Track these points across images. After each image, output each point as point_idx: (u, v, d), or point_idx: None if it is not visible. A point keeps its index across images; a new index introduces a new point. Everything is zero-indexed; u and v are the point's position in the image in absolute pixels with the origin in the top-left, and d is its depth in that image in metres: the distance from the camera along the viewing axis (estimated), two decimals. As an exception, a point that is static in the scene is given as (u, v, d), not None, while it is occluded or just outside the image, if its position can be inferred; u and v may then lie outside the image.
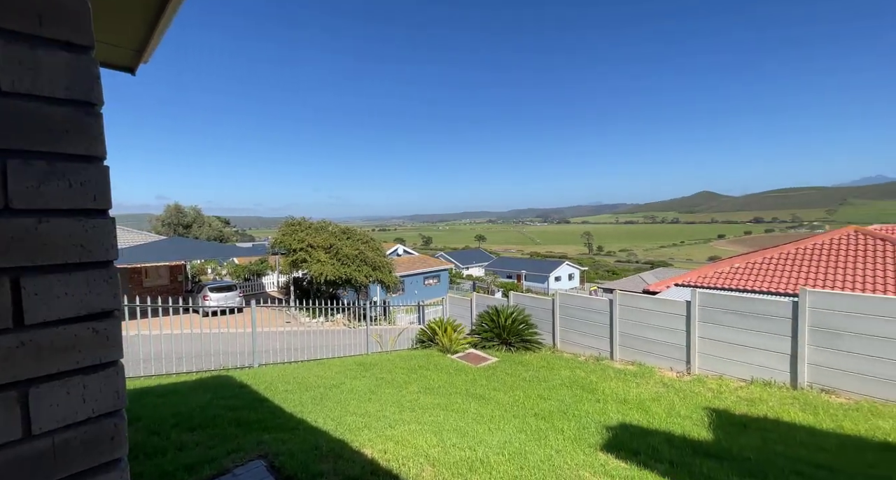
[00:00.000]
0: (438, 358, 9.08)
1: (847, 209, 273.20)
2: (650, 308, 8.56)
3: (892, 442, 4.23)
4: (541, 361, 8.91)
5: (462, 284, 43.20)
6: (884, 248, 9.36)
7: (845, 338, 5.98)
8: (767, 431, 4.47)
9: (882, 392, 5.63)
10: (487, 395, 6.12)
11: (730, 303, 7.28)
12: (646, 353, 8.55)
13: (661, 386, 6.86)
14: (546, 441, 4.09)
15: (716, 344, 7.42)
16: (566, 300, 10.44)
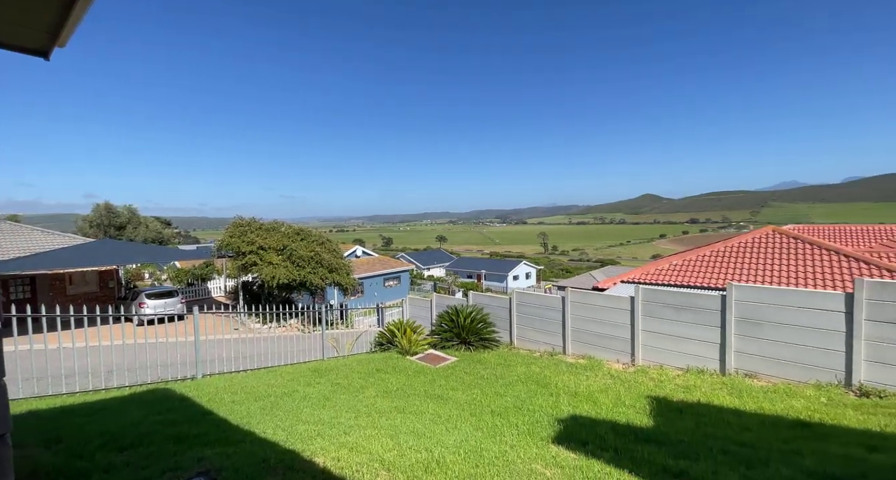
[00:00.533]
0: (397, 360, 8.98)
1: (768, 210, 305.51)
2: (598, 304, 9.03)
3: (803, 419, 4.76)
4: (498, 359, 9.10)
5: (423, 285, 43.12)
6: (796, 245, 10.56)
7: (765, 327, 6.66)
8: (700, 415, 4.87)
9: (796, 374, 6.34)
10: (446, 395, 6.14)
11: (668, 298, 7.86)
12: (595, 347, 9.01)
13: (608, 378, 7.24)
14: (501, 437, 4.18)
15: (657, 336, 7.98)
16: (522, 298, 10.74)
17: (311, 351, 10.44)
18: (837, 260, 9.49)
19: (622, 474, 3.18)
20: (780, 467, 3.12)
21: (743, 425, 4.51)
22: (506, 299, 11.21)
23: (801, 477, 2.93)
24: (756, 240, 11.26)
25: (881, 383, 5.58)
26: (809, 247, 10.24)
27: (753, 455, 3.48)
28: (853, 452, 3.57)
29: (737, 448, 3.67)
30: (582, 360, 8.83)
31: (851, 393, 5.65)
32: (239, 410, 5.32)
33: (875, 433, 4.18)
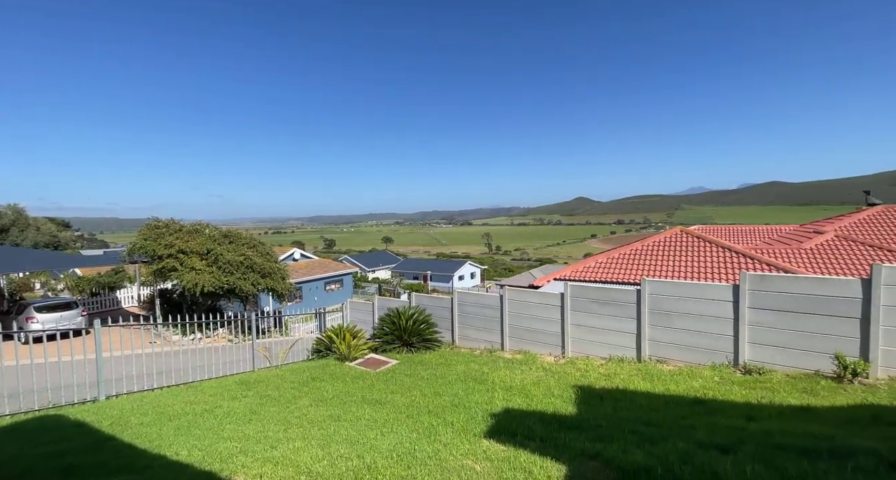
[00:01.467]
0: (335, 366, 8.69)
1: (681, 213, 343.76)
2: (533, 301, 9.51)
3: (699, 397, 5.42)
4: (439, 359, 9.19)
5: (367, 288, 42.15)
6: (698, 244, 12.00)
7: (673, 317, 7.48)
8: (617, 400, 5.34)
9: (697, 357, 7.19)
10: (384, 399, 6.07)
11: (592, 294, 8.51)
12: (531, 342, 9.47)
13: (542, 371, 7.65)
14: (436, 436, 4.22)
15: (584, 330, 8.59)
16: (463, 298, 10.96)
17: (241, 363, 9.71)
18: (730, 256, 10.96)
19: (545, 461, 3.37)
20: (678, 441, 3.53)
21: (652, 406, 5.02)
22: (447, 299, 11.36)
23: (693, 449, 3.33)
24: (666, 240, 12.62)
25: (761, 361, 6.54)
26: (708, 245, 11.71)
27: (657, 432, 3.89)
28: (736, 423, 4.15)
29: (645, 428, 4.08)
30: (518, 355, 9.23)
31: (738, 371, 6.56)
32: (148, 432, 4.78)
33: (754, 405, 4.89)
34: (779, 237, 14.98)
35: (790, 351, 6.32)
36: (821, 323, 6.07)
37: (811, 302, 6.14)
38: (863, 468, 2.80)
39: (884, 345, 5.62)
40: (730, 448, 3.35)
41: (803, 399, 4.93)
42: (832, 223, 14.08)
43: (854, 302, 5.81)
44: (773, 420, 4.19)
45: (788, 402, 4.84)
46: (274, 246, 28.15)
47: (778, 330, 6.41)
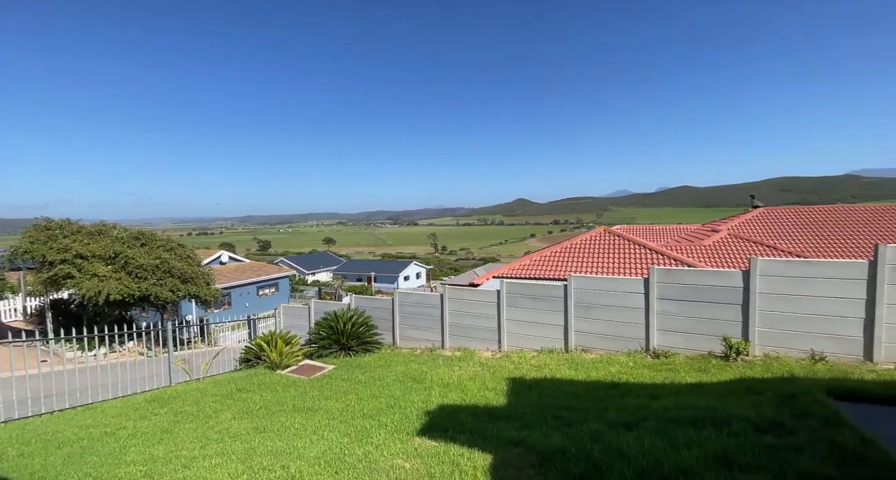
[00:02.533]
0: (265, 376, 8.19)
1: (608, 214, 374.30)
2: (472, 299, 9.77)
3: (615, 381, 5.96)
4: (379, 361, 9.07)
5: (306, 291, 40.20)
6: (619, 242, 13.18)
7: (595, 309, 8.13)
8: (544, 389, 5.69)
9: (615, 345, 7.88)
10: (317, 406, 5.85)
11: (526, 289, 8.96)
12: (470, 339, 9.71)
13: (479, 366, 7.88)
14: (368, 438, 4.17)
15: (518, 324, 9.01)
16: (404, 298, 10.92)
17: (155, 378, 8.75)
18: (644, 253, 12.18)
19: (473, 452, 3.49)
20: (592, 423, 3.85)
21: (574, 392, 5.42)
22: (388, 300, 11.24)
23: (603, 428, 3.67)
24: (592, 239, 13.69)
25: (667, 346, 7.36)
26: (627, 243, 12.90)
27: (576, 416, 4.22)
28: (642, 402, 4.63)
29: (565, 413, 4.39)
30: (458, 353, 9.42)
31: (649, 356, 7.31)
32: (31, 464, 4.13)
33: (658, 385, 5.49)
34: (686, 235, 16.95)
35: (690, 335, 7.19)
36: (713, 309, 6.98)
37: (706, 292, 7.04)
38: (735, 432, 3.29)
39: (759, 327, 6.62)
40: (634, 425, 3.73)
41: (697, 377, 5.64)
42: (726, 223, 16.25)
43: (737, 290, 6.77)
44: (671, 397, 4.74)
45: (686, 380, 5.51)
46: (198, 249, 25.75)
47: (680, 317, 7.26)
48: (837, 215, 15.73)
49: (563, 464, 3.04)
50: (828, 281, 6.11)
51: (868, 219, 14.80)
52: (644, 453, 2.99)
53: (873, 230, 13.90)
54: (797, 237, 14.56)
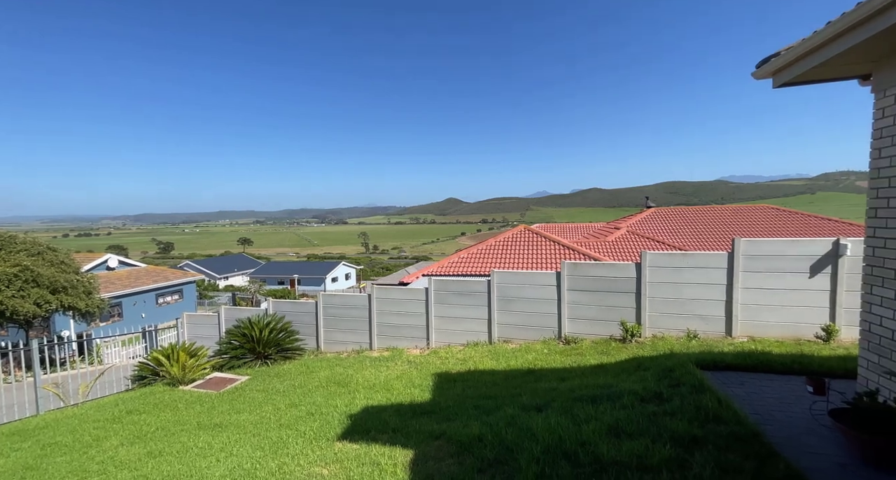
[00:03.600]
0: (164, 393, 7.26)
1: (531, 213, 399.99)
2: (400, 297, 9.73)
3: (531, 368, 6.40)
4: (301, 368, 8.59)
5: (218, 297, 36.42)
6: (537, 239, 14.17)
7: (515, 302, 8.63)
8: (467, 381, 5.90)
9: (533, 335, 8.46)
10: (226, 421, 5.35)
11: (453, 286, 9.19)
12: (399, 338, 9.67)
13: (406, 365, 7.89)
14: (284, 449, 3.94)
15: (446, 320, 9.21)
16: (329, 300, 10.48)
17: (17, 408, 7.26)
18: (559, 249, 13.26)
19: (394, 450, 3.50)
20: (507, 408, 4.10)
21: (494, 381, 5.71)
22: (311, 303, 10.70)
23: (517, 412, 3.93)
24: (514, 236, 14.53)
25: (576, 333, 8.10)
26: (544, 240, 13.93)
27: (494, 404, 4.45)
28: (552, 385, 5.05)
29: (485, 402, 4.61)
30: (386, 353, 9.31)
31: (561, 342, 7.99)
32: None
33: (567, 368, 6.03)
34: (594, 232, 18.81)
35: (595, 322, 8.00)
36: (614, 298, 7.86)
37: (607, 283, 7.90)
38: (625, 405, 3.75)
39: (649, 312, 7.61)
40: (544, 407, 4.06)
41: (600, 358, 6.31)
42: (626, 221, 18.38)
43: (632, 280, 7.71)
44: (577, 378, 5.25)
45: (590, 363, 6.13)
46: (78, 253, 21.86)
47: (587, 306, 8.05)
48: (710, 214, 18.78)
49: (480, 451, 3.19)
50: (699, 270, 7.26)
51: (731, 217, 17.90)
52: (551, 431, 3.27)
53: (735, 225, 16.84)
54: (681, 233, 17.05)
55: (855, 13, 2.56)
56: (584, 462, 2.78)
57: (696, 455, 2.70)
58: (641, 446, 2.85)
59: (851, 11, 2.58)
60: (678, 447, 2.84)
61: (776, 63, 3.31)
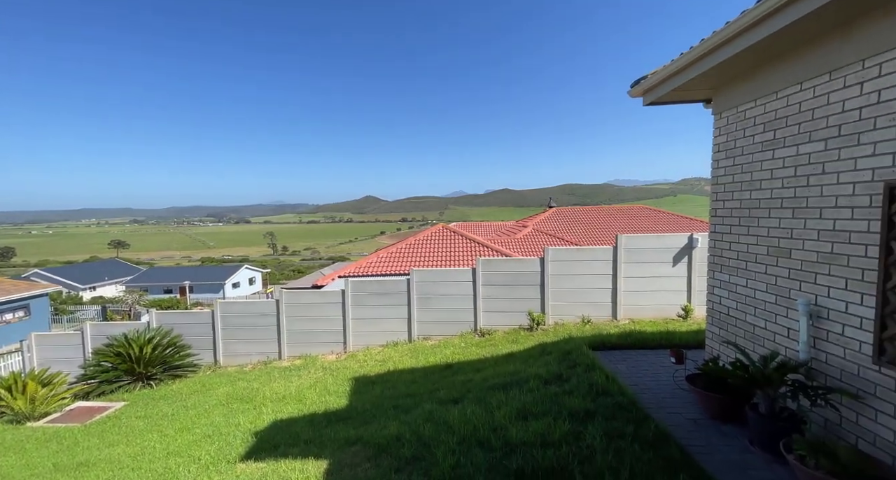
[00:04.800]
0: (4, 433, 5.80)
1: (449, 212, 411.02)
2: (314, 301, 9.19)
3: (449, 363, 6.58)
4: (195, 386, 7.61)
5: (82, 312, 30.22)
6: (454, 237, 14.61)
7: (434, 299, 8.78)
8: (387, 381, 5.84)
9: (451, 330, 8.70)
10: (95, 458, 4.48)
11: (372, 287, 8.98)
12: (312, 344, 9.13)
13: (321, 372, 7.49)
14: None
15: (364, 322, 8.96)
16: (228, 308, 9.42)
17: None
18: (475, 246, 13.86)
19: (306, 463, 3.30)
20: (426, 404, 4.16)
21: (414, 379, 5.74)
22: (207, 313, 9.51)
23: (435, 407, 4.01)
24: (433, 234, 14.77)
25: (491, 325, 8.56)
26: (461, 238, 14.43)
27: (413, 401, 4.48)
28: (469, 377, 5.26)
29: (404, 400, 4.61)
30: (298, 361, 8.73)
31: (477, 335, 8.36)
32: None
33: (482, 359, 6.34)
34: (505, 230, 20.05)
35: (507, 313, 8.54)
36: (522, 290, 8.48)
37: (517, 277, 8.49)
38: (531, 388, 4.08)
39: (552, 302, 8.38)
40: (461, 399, 4.21)
41: (510, 347, 6.76)
42: (532, 220, 19.96)
43: (537, 274, 8.40)
44: (491, 368, 5.55)
45: (502, 352, 6.53)
46: None
47: (500, 299, 8.55)
48: (600, 213, 21.42)
49: (398, 450, 3.18)
50: (590, 263, 8.22)
51: (616, 216, 20.65)
52: (466, 422, 3.40)
53: (619, 223, 19.46)
54: (578, 230, 19.12)
55: (696, 50, 3.13)
56: (496, 446, 2.95)
57: (588, 427, 3.06)
58: (545, 424, 3.13)
59: (692, 49, 3.16)
60: (575, 421, 3.18)
61: (644, 84, 3.89)
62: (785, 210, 2.98)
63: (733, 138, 3.55)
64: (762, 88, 3.18)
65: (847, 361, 2.52)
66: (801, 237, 2.84)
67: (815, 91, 2.73)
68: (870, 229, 2.37)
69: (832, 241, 2.61)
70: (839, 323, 2.56)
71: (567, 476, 2.51)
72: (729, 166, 3.61)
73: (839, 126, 2.56)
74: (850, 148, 2.49)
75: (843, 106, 2.53)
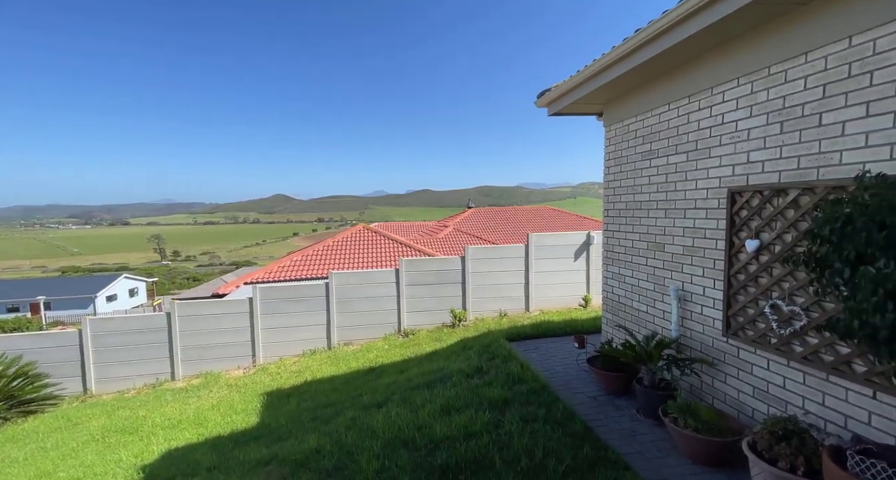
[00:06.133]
0: None
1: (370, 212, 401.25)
2: (215, 312, 8.21)
3: (372, 366, 6.44)
4: (57, 422, 6.27)
5: None
6: (376, 238, 14.33)
7: (355, 303, 8.49)
8: (304, 393, 5.49)
9: (374, 333, 8.50)
10: None
11: (285, 293, 8.34)
12: (214, 360, 8.16)
13: (226, 390, 6.75)
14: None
15: (277, 332, 8.29)
16: (102, 326, 7.94)
17: None
18: (397, 247, 13.76)
19: (210, 493, 2.94)
20: (348, 412, 4.01)
21: (334, 387, 5.49)
22: (71, 334, 7.90)
23: (358, 413, 3.89)
24: (352, 235, 14.29)
25: (414, 325, 8.58)
26: (383, 239, 14.21)
27: (333, 411, 4.28)
28: (393, 379, 5.21)
29: (324, 410, 4.38)
30: (196, 380, 7.74)
31: (401, 336, 8.32)
32: None
33: (406, 360, 6.33)
34: (427, 230, 20.28)
35: (430, 312, 8.65)
36: (445, 289, 8.66)
37: (439, 276, 8.64)
38: (454, 383, 4.19)
39: (472, 298, 8.72)
40: (385, 402, 4.14)
41: (434, 345, 6.87)
42: (453, 219, 20.53)
43: (458, 272, 8.67)
44: (415, 368, 5.57)
45: (426, 351, 6.60)
46: None
47: (423, 299, 8.62)
48: (513, 213, 22.91)
49: (318, 463, 3.01)
50: (506, 260, 8.74)
51: (527, 216, 22.29)
52: (390, 424, 3.36)
53: (530, 222, 21.04)
54: (494, 229, 20.19)
55: (589, 69, 3.54)
56: (421, 444, 2.97)
57: (506, 415, 3.25)
58: (467, 417, 3.24)
59: (586, 67, 3.57)
60: (494, 410, 3.36)
61: (548, 96, 4.27)
62: (659, 210, 3.53)
63: (620, 148, 4.08)
64: (641, 106, 3.72)
65: (705, 335, 3.08)
66: (671, 234, 3.39)
67: (678, 111, 3.28)
68: (718, 226, 2.93)
69: (693, 237, 3.16)
70: (699, 304, 3.12)
71: (488, 463, 2.64)
72: (617, 173, 4.14)
73: (696, 141, 3.11)
74: (704, 159, 3.04)
75: (699, 124, 3.08)
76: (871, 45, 2.01)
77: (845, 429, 2.13)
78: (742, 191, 2.71)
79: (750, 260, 2.69)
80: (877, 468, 1.59)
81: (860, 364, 2.09)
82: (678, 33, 2.70)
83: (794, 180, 2.39)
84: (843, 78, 2.12)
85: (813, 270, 1.72)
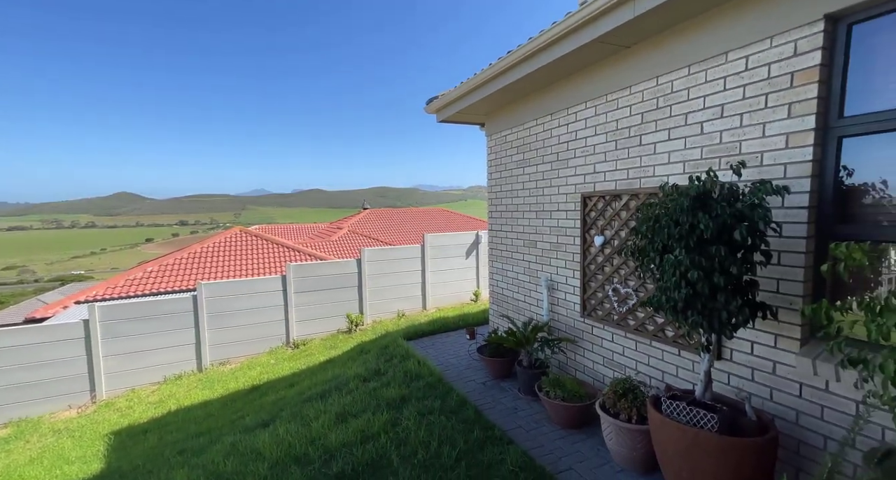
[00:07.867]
0: None
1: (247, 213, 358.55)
2: (30, 342, 6.37)
3: (256, 384, 5.82)
4: None
5: None
6: (258, 242, 12.92)
7: (234, 316, 7.52)
8: (167, 426, 4.67)
9: (258, 347, 7.68)
10: None
11: (137, 310, 6.93)
12: (31, 403, 6.33)
13: (51, 436, 5.32)
14: None
15: (126, 358, 6.84)
16: None
17: None
18: (283, 251, 12.65)
19: None
20: (227, 437, 3.57)
21: (208, 413, 4.81)
22: None
23: (239, 437, 3.49)
24: (227, 240, 12.62)
25: (306, 334, 8.02)
26: (266, 243, 12.90)
27: (208, 439, 3.75)
28: (281, 394, 4.80)
29: (195, 441, 3.81)
30: (5, 431, 5.91)
31: (290, 348, 7.70)
32: None
33: (297, 372, 5.90)
34: (318, 233, 19.13)
35: (324, 319, 8.20)
36: (340, 293, 8.31)
37: (334, 280, 8.26)
38: (350, 389, 4.08)
39: (370, 301, 8.57)
40: (272, 420, 3.80)
41: (329, 353, 6.55)
42: (347, 221, 19.80)
43: (354, 275, 8.42)
44: (307, 379, 5.24)
45: (320, 360, 6.26)
46: None
47: (316, 305, 8.12)
48: (410, 214, 23.21)
49: (189, 503, 2.62)
50: (403, 261, 8.84)
51: (423, 217, 22.84)
52: (279, 442, 3.11)
53: (426, 223, 21.60)
54: (390, 230, 20.14)
55: (470, 82, 3.85)
56: (315, 457, 2.83)
57: (404, 412, 3.31)
58: (364, 421, 3.20)
59: (469, 80, 3.87)
60: (392, 410, 3.39)
61: (435, 104, 4.49)
62: (531, 212, 4.02)
63: (500, 157, 4.52)
64: (515, 120, 4.18)
65: (568, 318, 3.63)
66: (541, 232, 3.90)
67: (544, 126, 3.79)
68: (575, 225, 3.48)
69: (557, 235, 3.69)
70: (563, 291, 3.66)
71: (386, 463, 2.66)
72: (498, 178, 4.57)
73: (557, 153, 3.64)
74: (563, 169, 3.58)
75: (559, 139, 3.61)
76: (670, 85, 2.64)
77: (662, 382, 2.77)
78: (591, 196, 3.29)
79: (598, 252, 3.28)
80: (679, 407, 2.11)
81: (670, 330, 2.73)
82: (531, 64, 3.18)
83: (625, 188, 2.99)
84: (654, 109, 2.75)
85: (637, 259, 2.21)
